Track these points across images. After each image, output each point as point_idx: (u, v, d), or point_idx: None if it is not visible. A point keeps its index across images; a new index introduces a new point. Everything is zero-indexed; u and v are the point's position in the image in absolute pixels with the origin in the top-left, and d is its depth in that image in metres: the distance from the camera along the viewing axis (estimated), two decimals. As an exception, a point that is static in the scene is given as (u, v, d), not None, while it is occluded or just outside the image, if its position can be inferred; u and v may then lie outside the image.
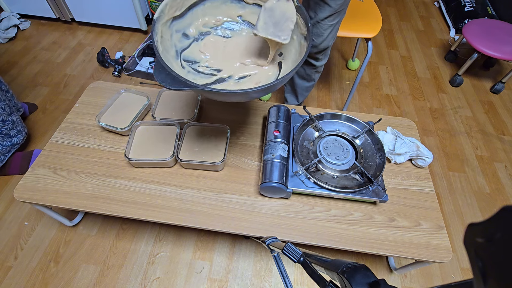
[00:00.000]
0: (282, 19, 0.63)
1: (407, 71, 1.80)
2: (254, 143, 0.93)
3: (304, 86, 1.24)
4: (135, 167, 0.86)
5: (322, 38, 0.99)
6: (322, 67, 1.16)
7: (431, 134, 1.48)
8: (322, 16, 0.92)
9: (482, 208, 1.23)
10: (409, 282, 1.03)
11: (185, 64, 0.71)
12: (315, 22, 0.95)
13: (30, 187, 0.81)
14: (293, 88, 1.29)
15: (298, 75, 1.21)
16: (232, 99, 0.67)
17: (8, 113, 1.13)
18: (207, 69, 0.72)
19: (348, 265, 0.33)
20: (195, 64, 0.73)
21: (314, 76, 1.18)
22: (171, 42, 0.70)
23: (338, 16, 0.95)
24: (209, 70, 0.72)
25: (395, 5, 2.30)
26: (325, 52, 1.08)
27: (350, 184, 0.78)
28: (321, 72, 1.20)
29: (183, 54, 0.72)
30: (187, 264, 1.03)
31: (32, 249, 1.04)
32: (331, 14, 0.92)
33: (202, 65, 0.73)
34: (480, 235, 0.16)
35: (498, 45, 1.51)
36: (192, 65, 0.72)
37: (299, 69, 1.17)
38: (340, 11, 0.93)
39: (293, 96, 1.33)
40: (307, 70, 1.16)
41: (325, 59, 1.12)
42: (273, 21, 0.63)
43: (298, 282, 1.02)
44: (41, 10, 1.84)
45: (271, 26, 0.63)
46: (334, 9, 0.90)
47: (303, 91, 1.28)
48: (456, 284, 0.22)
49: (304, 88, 1.26)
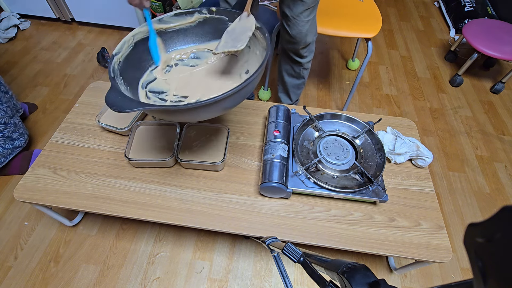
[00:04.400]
0: (241, 32, 0.66)
1: (407, 71, 1.80)
2: (254, 143, 0.93)
3: (294, 84, 1.27)
4: (135, 167, 0.86)
5: (301, 33, 1.01)
6: (309, 63, 1.17)
7: (431, 134, 1.48)
8: (297, 11, 0.95)
9: (482, 208, 1.23)
10: (409, 282, 1.03)
11: (150, 95, 0.73)
12: (292, 17, 0.97)
13: (30, 187, 0.81)
14: (284, 87, 1.31)
15: (287, 74, 1.23)
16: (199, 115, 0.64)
17: (10, 116, 1.13)
18: (174, 97, 0.73)
19: (348, 265, 0.33)
20: (162, 94, 0.74)
21: (302, 74, 1.21)
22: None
23: (313, 11, 0.98)
24: (177, 98, 0.73)
25: (395, 5, 2.30)
26: (308, 48, 1.10)
27: (350, 184, 0.78)
28: (309, 69, 1.21)
29: (149, 86, 0.74)
30: (187, 264, 1.03)
31: (32, 249, 1.04)
32: (306, 9, 0.94)
33: (169, 94, 0.74)
34: (480, 235, 0.16)
35: (498, 45, 1.51)
36: (159, 95, 0.74)
37: (288, 68, 1.19)
38: (313, 6, 0.95)
39: (285, 95, 1.35)
40: (295, 68, 1.18)
41: (310, 56, 1.14)
42: (232, 38, 0.67)
43: (298, 282, 1.02)
44: (41, 10, 1.84)
45: (230, 42, 0.66)
46: (308, 4, 0.93)
47: (295, 89, 1.30)
48: (456, 284, 0.22)
49: (295, 86, 1.28)
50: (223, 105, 0.59)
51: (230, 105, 0.63)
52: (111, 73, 0.63)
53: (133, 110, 0.54)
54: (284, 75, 1.24)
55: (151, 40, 0.73)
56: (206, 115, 0.62)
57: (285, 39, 1.07)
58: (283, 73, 1.24)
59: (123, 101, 0.55)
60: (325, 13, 1.25)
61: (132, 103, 0.55)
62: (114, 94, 0.57)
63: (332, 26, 1.19)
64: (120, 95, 0.57)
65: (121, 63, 0.68)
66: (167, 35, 0.78)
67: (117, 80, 0.64)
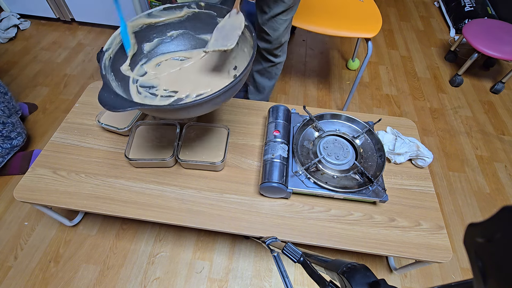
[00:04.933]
0: (231, 30, 0.67)
1: (407, 71, 1.80)
2: (254, 143, 0.93)
3: (266, 84, 1.26)
4: (135, 167, 0.86)
5: (278, 32, 1.01)
6: (281, 64, 1.18)
7: (431, 134, 1.48)
8: (277, 11, 0.95)
9: (482, 208, 1.23)
10: (409, 282, 1.03)
11: (141, 89, 0.74)
12: (270, 17, 0.97)
13: (30, 187, 0.81)
14: (256, 88, 1.30)
15: (259, 74, 1.23)
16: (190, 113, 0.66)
17: (8, 115, 1.13)
18: (165, 92, 0.74)
19: (348, 265, 0.33)
20: (153, 89, 0.75)
21: (274, 73, 1.21)
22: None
23: (291, 12, 0.98)
24: (167, 93, 0.74)
25: (395, 5, 2.30)
26: (282, 48, 1.10)
27: (350, 184, 0.78)
28: (281, 70, 1.21)
29: (140, 81, 0.75)
30: (187, 264, 1.03)
31: (32, 249, 1.04)
32: (285, 10, 0.94)
33: (160, 88, 0.75)
34: (480, 235, 0.16)
35: (498, 45, 1.51)
36: (149, 90, 0.75)
37: (260, 68, 1.19)
38: (293, 6, 0.96)
39: (257, 97, 1.35)
40: (267, 68, 1.18)
41: (283, 56, 1.15)
42: (222, 35, 0.68)
43: (298, 282, 1.02)
44: (41, 10, 1.84)
45: (220, 40, 0.67)
46: (288, 5, 0.93)
47: (264, 90, 1.29)
48: (456, 284, 0.22)
49: (267, 87, 1.28)
50: (213, 103, 0.61)
51: (219, 103, 0.64)
52: (102, 70, 0.63)
53: (126, 109, 0.54)
54: (255, 75, 1.23)
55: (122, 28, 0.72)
56: (196, 112, 0.64)
57: (259, 38, 1.07)
58: (254, 74, 1.23)
59: (116, 100, 0.56)
60: (325, 13, 1.25)
61: (124, 102, 0.56)
62: (107, 93, 0.58)
63: (332, 26, 1.19)
64: (112, 94, 0.58)
65: (111, 59, 0.68)
66: (157, 29, 0.78)
67: (109, 77, 0.64)
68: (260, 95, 1.32)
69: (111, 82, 0.63)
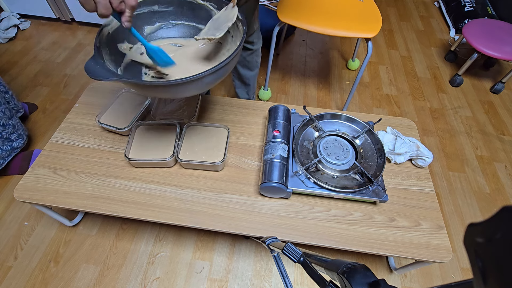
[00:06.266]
0: (223, 22, 0.70)
1: (407, 71, 1.80)
2: (254, 143, 0.93)
3: (250, 75, 1.29)
4: (135, 167, 0.86)
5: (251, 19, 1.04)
6: (259, 51, 1.21)
7: (431, 134, 1.48)
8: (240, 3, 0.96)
9: (482, 208, 1.23)
10: (409, 282, 1.03)
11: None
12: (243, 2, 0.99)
13: (30, 187, 0.81)
14: (241, 81, 1.33)
15: (241, 65, 1.26)
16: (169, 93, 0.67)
17: (9, 117, 1.13)
18: (157, 73, 0.75)
19: (348, 265, 0.33)
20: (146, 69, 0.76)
21: (254, 61, 1.24)
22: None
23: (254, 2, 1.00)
24: (158, 75, 0.75)
25: (395, 5, 2.30)
26: (256, 34, 1.14)
27: (350, 184, 0.78)
28: (260, 58, 1.24)
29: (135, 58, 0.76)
30: (187, 264, 1.03)
31: (32, 249, 1.04)
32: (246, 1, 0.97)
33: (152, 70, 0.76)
34: (480, 235, 0.16)
35: (498, 45, 1.51)
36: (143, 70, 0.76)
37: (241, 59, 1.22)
38: None
39: (243, 90, 1.38)
40: (247, 58, 1.21)
41: (259, 42, 1.18)
42: (215, 26, 0.70)
43: (298, 282, 1.02)
44: (41, 10, 1.84)
45: (212, 30, 0.70)
46: None
47: (249, 81, 1.33)
48: (456, 284, 0.22)
49: (251, 78, 1.31)
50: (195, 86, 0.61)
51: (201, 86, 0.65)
52: (97, 42, 0.64)
53: (107, 79, 0.55)
54: (238, 67, 1.26)
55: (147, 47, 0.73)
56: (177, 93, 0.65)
57: None
58: (237, 66, 1.26)
59: (100, 70, 0.58)
60: (325, 13, 1.25)
61: (107, 72, 0.57)
62: (94, 62, 0.59)
63: (332, 26, 1.19)
64: (99, 64, 0.59)
65: (110, 34, 0.69)
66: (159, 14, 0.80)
67: (103, 50, 0.65)
68: (246, 87, 1.35)
69: (104, 55, 0.65)
